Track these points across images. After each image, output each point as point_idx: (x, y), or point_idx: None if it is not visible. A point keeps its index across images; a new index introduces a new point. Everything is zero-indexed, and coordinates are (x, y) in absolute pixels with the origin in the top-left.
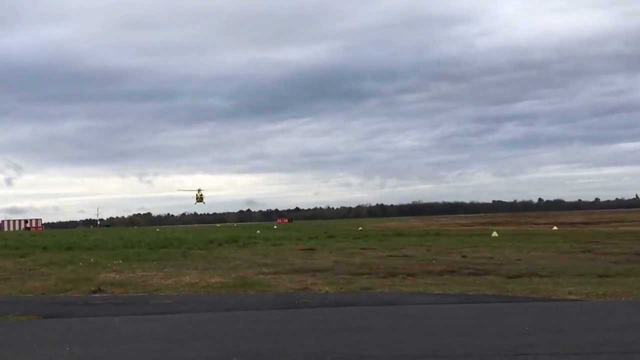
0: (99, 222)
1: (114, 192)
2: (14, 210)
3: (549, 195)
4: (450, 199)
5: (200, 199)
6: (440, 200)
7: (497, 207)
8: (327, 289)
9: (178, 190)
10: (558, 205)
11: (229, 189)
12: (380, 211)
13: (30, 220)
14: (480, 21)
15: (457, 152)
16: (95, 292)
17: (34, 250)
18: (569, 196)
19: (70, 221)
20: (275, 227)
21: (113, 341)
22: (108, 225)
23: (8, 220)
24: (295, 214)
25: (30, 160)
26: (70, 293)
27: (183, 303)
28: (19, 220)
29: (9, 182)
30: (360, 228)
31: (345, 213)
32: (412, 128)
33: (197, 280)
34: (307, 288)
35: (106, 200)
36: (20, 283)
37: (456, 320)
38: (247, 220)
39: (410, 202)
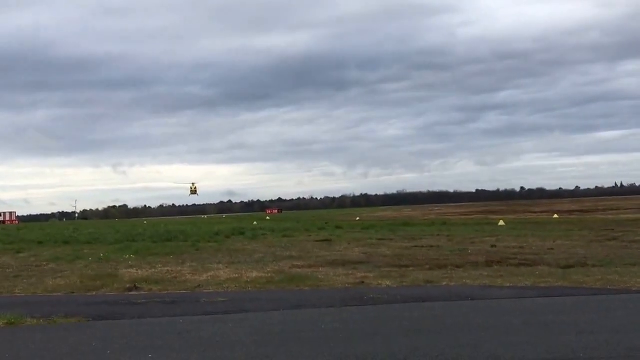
0: (77, 215)
1: (87, 184)
2: None
3: (530, 183)
4: (434, 188)
5: (194, 191)
6: (423, 189)
7: (481, 195)
8: (387, 283)
9: (175, 183)
10: (540, 194)
11: (208, 179)
12: (365, 201)
13: (4, 213)
14: (463, 11)
15: (440, 141)
16: (130, 289)
17: (29, 245)
18: (550, 184)
19: (42, 214)
20: (267, 218)
21: (197, 346)
22: (85, 218)
23: None
24: (279, 205)
25: None
26: (103, 291)
27: (240, 301)
28: None
29: None
30: (357, 218)
31: (330, 203)
32: (395, 117)
33: (236, 276)
34: (363, 282)
35: (79, 192)
36: (36, 281)
37: (561, 315)
38: (227, 211)
39: (394, 191)
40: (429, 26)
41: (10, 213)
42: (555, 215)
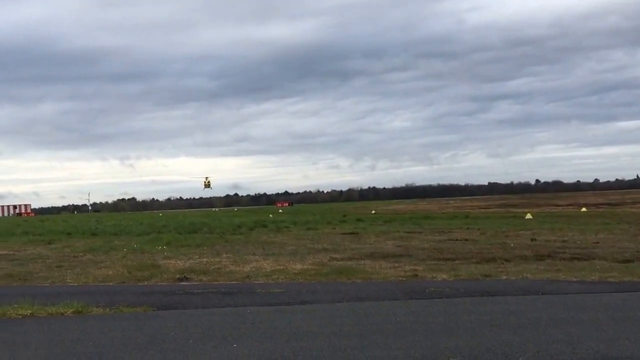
0: (90, 208)
1: (95, 177)
2: None
3: (546, 176)
4: (443, 181)
5: (208, 184)
6: (432, 182)
7: (494, 188)
8: (443, 276)
9: (191, 177)
10: (557, 187)
11: (213, 172)
12: (373, 194)
13: (19, 205)
14: None
15: (450, 133)
16: (181, 280)
17: (57, 236)
18: (567, 177)
19: (53, 207)
20: (280, 211)
21: (276, 336)
22: (97, 211)
23: None
24: (285, 198)
25: (7, 144)
26: (153, 281)
27: (296, 292)
28: (7, 206)
29: None
30: (373, 211)
31: (337, 196)
32: (402, 108)
33: (280, 267)
34: (416, 275)
35: (88, 185)
36: (81, 271)
37: None
38: (234, 204)
39: (402, 184)
40: (436, 12)
41: (26, 205)
42: (583, 209)
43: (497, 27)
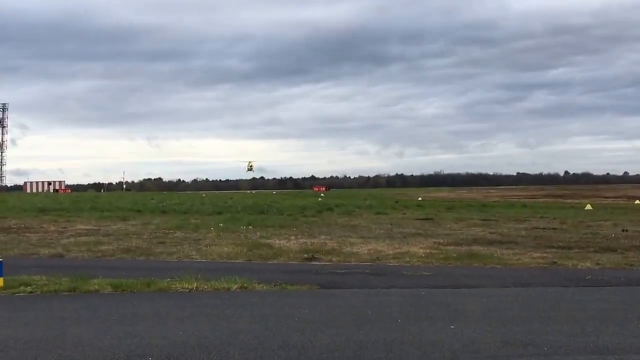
0: (124, 186)
1: (121, 156)
2: (17, 172)
3: (575, 167)
4: (470, 170)
5: (250, 168)
6: (459, 170)
7: (522, 179)
8: (585, 264)
9: (237, 161)
10: (586, 179)
11: (240, 155)
12: (400, 181)
13: (54, 182)
14: None
15: (482, 121)
16: (310, 259)
17: (128, 213)
18: (596, 169)
19: (79, 184)
20: (321, 195)
21: (485, 317)
22: (129, 190)
23: (31, 182)
24: (311, 183)
25: (36, 120)
26: (282, 260)
27: (446, 275)
28: (42, 182)
29: (14, 142)
30: (420, 198)
31: (364, 182)
32: (436, 94)
33: (399, 250)
34: (555, 263)
35: (113, 164)
36: (189, 247)
37: None
38: (260, 187)
39: (430, 172)
40: None
41: (60, 182)
42: (637, 201)
43: (541, 14)
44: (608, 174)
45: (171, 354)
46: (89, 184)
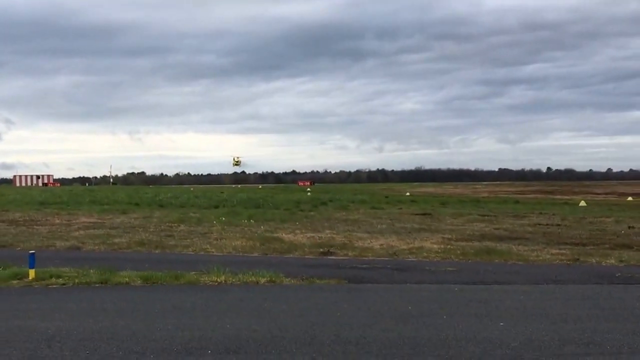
0: (111, 180)
1: (104, 150)
2: (3, 166)
3: (557, 164)
4: (451, 166)
5: (238, 163)
6: (440, 166)
7: (504, 175)
8: (610, 261)
9: (222, 155)
10: (569, 175)
11: (220, 149)
12: (381, 176)
13: (42, 176)
14: None
15: (461, 117)
16: (325, 254)
17: (127, 207)
18: (578, 165)
19: (63, 178)
20: (308, 190)
21: (528, 316)
22: (115, 184)
23: (20, 176)
24: (293, 178)
25: (20, 115)
26: (297, 254)
27: (470, 271)
28: (31, 176)
29: None
30: (407, 193)
31: (345, 177)
32: (413, 90)
33: (412, 245)
34: (578, 259)
35: (97, 158)
36: (200, 241)
37: None
38: (242, 182)
39: (411, 167)
40: None
41: (48, 176)
42: (630, 198)
43: (516, 9)
44: (591, 170)
45: (229, 348)
46: (73, 178)
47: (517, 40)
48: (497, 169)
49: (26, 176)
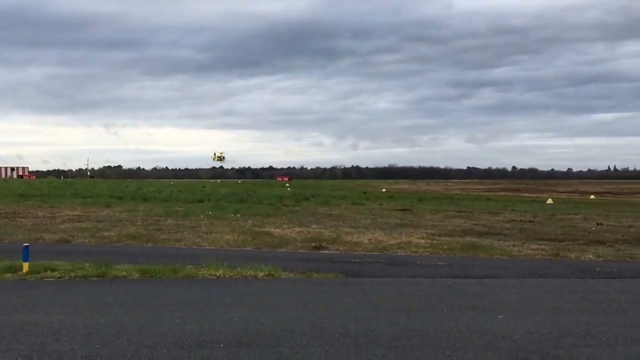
0: (89, 173)
1: (80, 143)
2: None
3: (521, 163)
4: (423, 164)
5: (220, 158)
6: (411, 164)
7: (472, 173)
8: (588, 256)
9: (201, 150)
10: (533, 174)
11: (198, 144)
12: (356, 173)
13: (17, 168)
14: None
15: (432, 116)
16: (318, 248)
17: (110, 200)
18: (541, 165)
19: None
20: (287, 185)
21: (532, 308)
22: (92, 177)
23: None
24: (270, 173)
25: None
26: (288, 248)
27: (460, 266)
28: (5, 168)
29: None
30: (384, 190)
31: (321, 173)
32: (387, 90)
33: (400, 240)
34: (558, 255)
35: (72, 151)
36: (191, 235)
37: None
38: (220, 177)
39: (384, 165)
40: None
41: (24, 168)
42: (592, 196)
43: (485, 14)
44: (553, 169)
45: (240, 341)
46: (48, 171)
47: (485, 43)
48: (465, 167)
49: (1, 168)
